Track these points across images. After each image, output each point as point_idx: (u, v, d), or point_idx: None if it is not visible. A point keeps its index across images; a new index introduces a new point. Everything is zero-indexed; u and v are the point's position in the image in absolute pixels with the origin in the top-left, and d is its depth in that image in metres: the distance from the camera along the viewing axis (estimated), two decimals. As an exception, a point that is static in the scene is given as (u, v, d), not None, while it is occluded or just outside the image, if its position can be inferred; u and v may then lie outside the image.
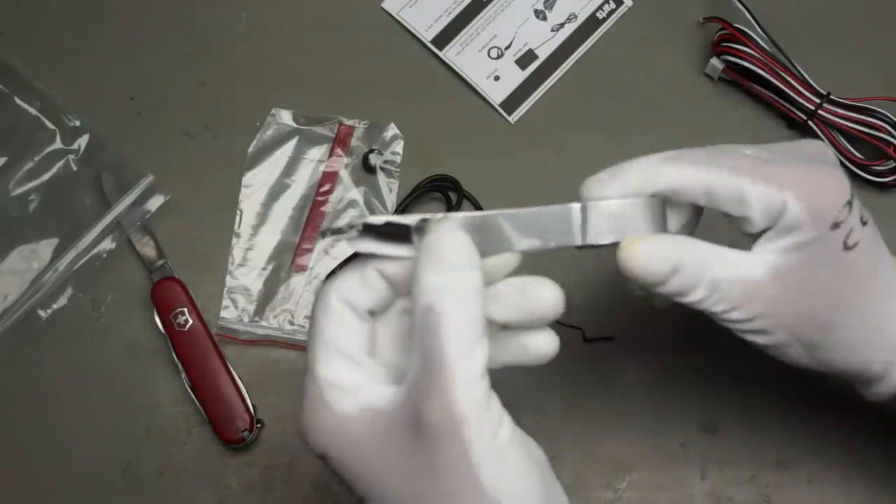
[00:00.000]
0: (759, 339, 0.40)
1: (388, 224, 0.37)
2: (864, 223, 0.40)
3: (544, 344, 0.38)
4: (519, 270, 0.38)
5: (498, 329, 0.38)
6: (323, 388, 0.35)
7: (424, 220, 0.36)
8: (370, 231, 0.37)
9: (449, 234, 0.35)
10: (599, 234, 0.39)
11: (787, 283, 0.39)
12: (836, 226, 0.39)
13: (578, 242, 0.39)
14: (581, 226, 0.39)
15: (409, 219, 0.37)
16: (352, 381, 0.35)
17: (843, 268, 0.39)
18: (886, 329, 0.41)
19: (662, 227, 0.40)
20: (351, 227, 0.37)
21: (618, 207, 0.39)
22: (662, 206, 0.40)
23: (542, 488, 0.35)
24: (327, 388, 0.35)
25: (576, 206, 0.39)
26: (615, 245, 0.39)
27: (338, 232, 0.37)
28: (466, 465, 0.33)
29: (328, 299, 0.37)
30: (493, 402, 0.34)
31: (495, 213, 0.38)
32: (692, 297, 0.39)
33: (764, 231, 0.39)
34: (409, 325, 0.35)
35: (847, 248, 0.39)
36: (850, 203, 0.39)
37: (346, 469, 0.35)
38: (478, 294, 0.35)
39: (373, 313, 0.38)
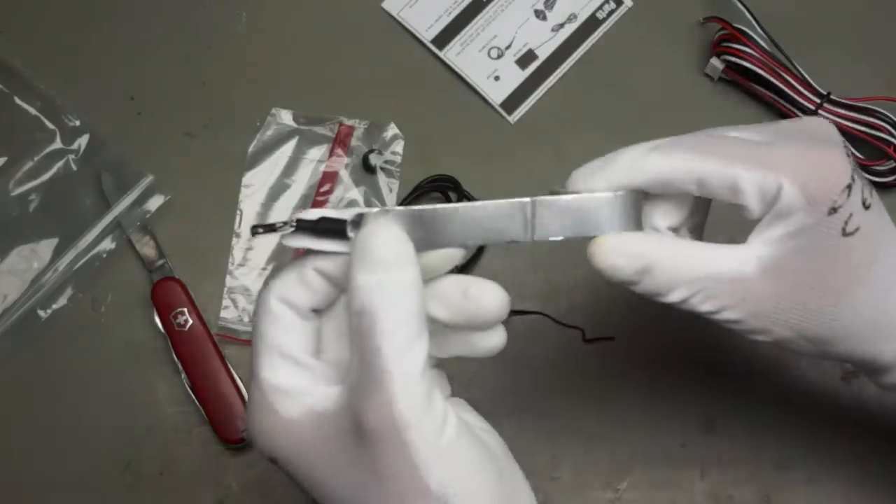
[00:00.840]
0: (761, 338, 0.39)
1: (322, 219, 0.35)
2: (866, 206, 0.38)
3: (492, 341, 0.37)
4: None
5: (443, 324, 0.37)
6: (268, 392, 0.35)
7: (360, 215, 0.35)
8: (305, 227, 0.35)
9: (382, 229, 0.34)
10: (548, 231, 0.37)
11: (780, 276, 0.37)
12: (833, 210, 0.37)
13: (524, 239, 0.37)
14: (529, 221, 0.37)
15: (345, 213, 0.36)
16: (296, 384, 0.35)
17: (841, 255, 0.37)
18: (894, 318, 0.39)
19: (633, 225, 0.38)
20: (284, 223, 0.35)
21: (575, 203, 0.38)
22: (637, 202, 0.38)
23: (496, 481, 0.34)
24: (272, 392, 0.35)
25: (525, 200, 0.37)
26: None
27: (270, 228, 0.36)
28: (411, 468, 0.32)
29: (267, 301, 0.36)
30: (436, 401, 0.33)
31: (437, 206, 0.36)
32: (672, 298, 0.38)
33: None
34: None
35: (846, 234, 0.37)
36: (849, 186, 0.37)
37: (294, 472, 0.35)
38: (413, 292, 0.33)
39: (317, 311, 0.37)
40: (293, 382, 0.35)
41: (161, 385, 0.58)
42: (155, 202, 0.62)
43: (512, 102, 0.64)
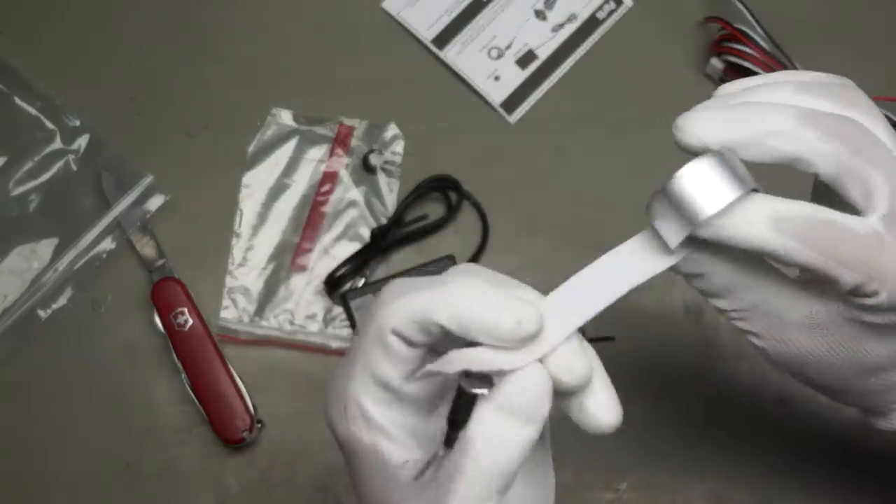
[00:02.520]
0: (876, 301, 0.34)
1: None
2: None
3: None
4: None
5: None
6: (348, 398, 0.34)
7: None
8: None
9: (536, 383, 0.31)
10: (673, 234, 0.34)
11: (821, 339, 0.36)
12: None
13: (669, 265, 0.35)
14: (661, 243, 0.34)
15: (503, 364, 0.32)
16: (379, 416, 0.34)
17: None
18: None
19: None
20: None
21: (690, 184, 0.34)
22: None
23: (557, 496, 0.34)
24: (351, 399, 0.34)
25: (644, 234, 0.34)
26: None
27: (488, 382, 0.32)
28: None
29: (383, 328, 0.33)
30: None
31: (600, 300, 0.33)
32: (715, 303, 0.37)
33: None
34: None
35: None
36: None
37: (353, 478, 0.35)
38: (523, 451, 0.31)
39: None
40: (380, 411, 0.34)
41: (161, 385, 0.58)
42: (155, 202, 0.62)
43: (512, 102, 0.64)
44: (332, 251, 0.61)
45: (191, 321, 0.58)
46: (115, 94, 0.64)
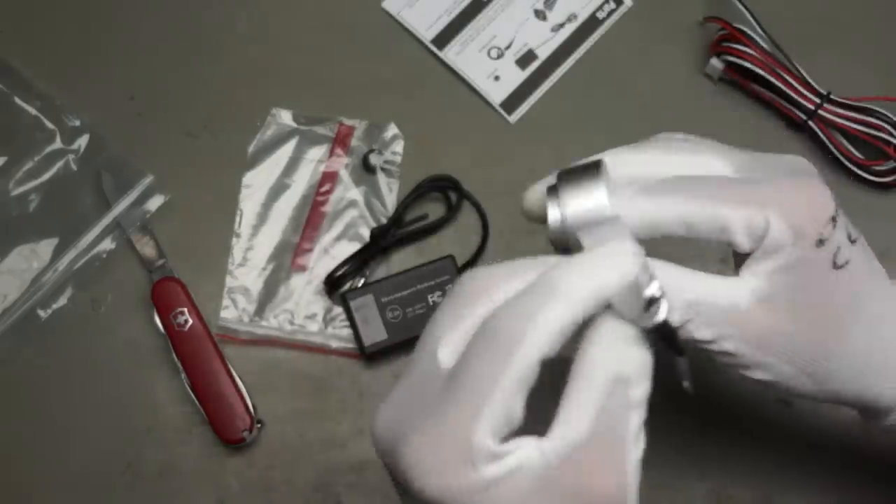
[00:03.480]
0: (760, 374, 0.38)
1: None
2: (852, 241, 0.38)
3: None
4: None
5: None
6: (473, 451, 0.31)
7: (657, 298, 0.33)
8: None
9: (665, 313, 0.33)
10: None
11: (773, 309, 0.36)
12: (820, 243, 0.36)
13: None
14: None
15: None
16: (506, 447, 0.32)
17: (834, 289, 0.37)
18: (890, 356, 0.38)
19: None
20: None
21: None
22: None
23: None
24: (478, 452, 0.31)
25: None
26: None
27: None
28: None
29: (531, 358, 0.32)
30: (637, 492, 0.33)
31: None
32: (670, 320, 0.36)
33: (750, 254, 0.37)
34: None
35: (836, 266, 0.37)
36: (834, 219, 0.37)
37: None
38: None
39: None
40: (504, 444, 0.32)
41: (161, 385, 0.58)
42: (155, 202, 0.62)
43: (512, 102, 0.64)
44: (332, 251, 0.61)
45: (191, 321, 0.58)
46: (115, 94, 0.64)
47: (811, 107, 0.60)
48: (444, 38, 0.66)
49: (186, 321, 0.58)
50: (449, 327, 0.34)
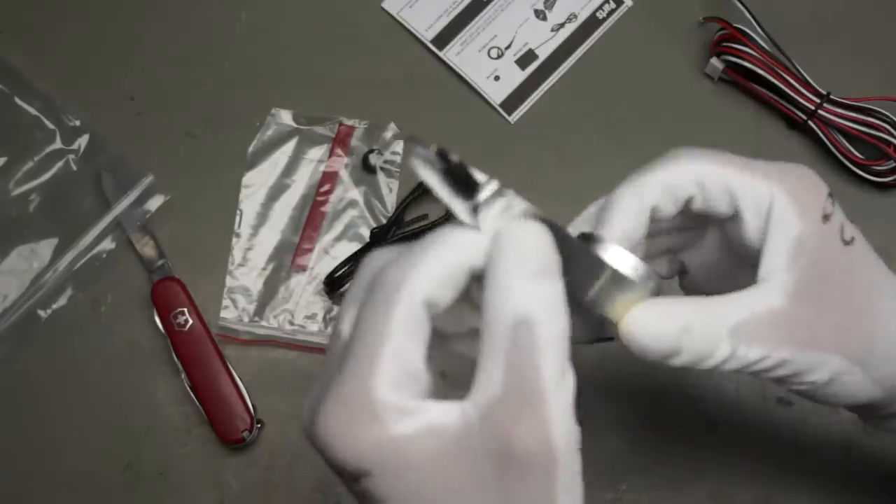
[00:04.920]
0: (819, 376, 0.36)
1: (458, 164, 0.32)
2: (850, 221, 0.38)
3: None
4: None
5: None
6: (377, 405, 0.30)
7: (491, 184, 0.32)
8: (441, 157, 0.32)
9: (541, 232, 0.31)
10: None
11: (808, 298, 0.36)
12: (826, 218, 0.36)
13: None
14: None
15: (479, 174, 0.32)
16: (412, 401, 0.30)
17: (852, 264, 0.37)
18: None
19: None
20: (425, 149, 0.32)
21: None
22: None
23: None
24: (382, 407, 0.30)
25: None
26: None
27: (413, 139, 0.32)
28: (547, 500, 0.30)
29: (414, 299, 0.30)
30: (577, 441, 0.31)
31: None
32: (719, 355, 0.35)
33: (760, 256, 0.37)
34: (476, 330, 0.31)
35: (846, 242, 0.37)
36: (831, 195, 0.37)
37: (396, 494, 0.30)
38: (566, 311, 0.31)
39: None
40: (410, 398, 0.30)
41: (161, 385, 0.58)
42: (155, 202, 0.62)
43: (512, 102, 0.64)
44: (331, 251, 0.61)
45: (191, 321, 0.58)
46: (115, 94, 0.64)
47: (811, 107, 0.60)
48: (444, 38, 0.66)
49: (186, 321, 0.58)
50: (351, 304, 0.33)
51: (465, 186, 0.32)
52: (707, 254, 0.41)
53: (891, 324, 0.37)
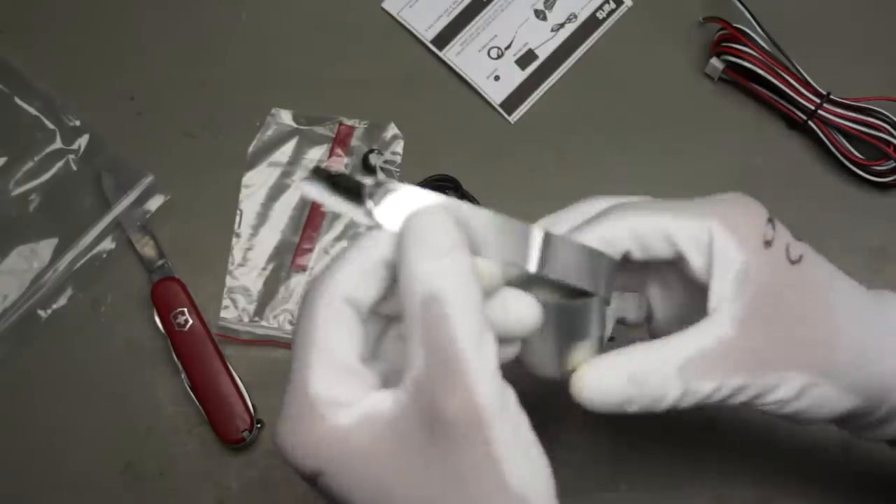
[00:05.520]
0: (784, 394, 0.37)
1: (340, 176, 0.34)
2: (799, 239, 0.39)
3: (508, 352, 0.36)
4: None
5: None
6: (316, 404, 0.32)
7: (379, 184, 0.34)
8: (321, 177, 0.34)
9: (438, 215, 0.32)
10: (558, 271, 0.35)
11: (759, 320, 0.37)
12: (767, 244, 0.37)
13: (532, 270, 0.35)
14: (541, 253, 0.35)
15: (365, 179, 0.34)
16: (350, 393, 0.32)
17: (801, 281, 0.37)
18: (887, 341, 0.39)
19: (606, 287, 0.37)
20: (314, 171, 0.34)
21: (586, 251, 0.36)
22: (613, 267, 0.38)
23: (557, 493, 0.33)
24: (321, 404, 0.32)
25: (534, 227, 0.35)
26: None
27: (327, 176, 0.34)
28: (492, 463, 0.31)
29: (332, 299, 0.33)
30: (511, 398, 0.32)
31: (463, 206, 0.34)
32: (670, 397, 0.36)
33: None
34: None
35: (793, 262, 0.37)
36: (771, 220, 0.38)
37: (348, 487, 0.32)
38: (475, 279, 0.32)
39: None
40: (347, 391, 0.32)
41: (161, 385, 0.58)
42: (155, 202, 0.62)
43: (512, 102, 0.64)
44: (332, 251, 0.61)
45: (191, 321, 0.58)
46: (115, 94, 0.64)
47: (811, 107, 0.60)
48: (444, 38, 0.66)
49: (186, 321, 0.58)
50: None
51: (355, 193, 0.34)
52: (669, 295, 0.41)
53: (854, 330, 0.38)
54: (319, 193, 0.34)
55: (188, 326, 0.58)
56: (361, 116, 0.64)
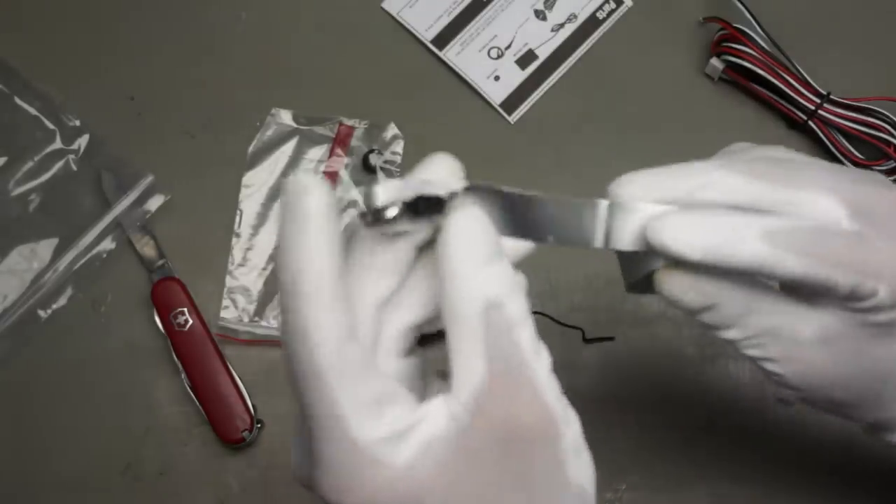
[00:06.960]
0: (789, 395, 0.37)
1: (420, 199, 0.33)
2: None
3: None
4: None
5: None
6: (364, 449, 0.29)
7: (454, 194, 0.33)
8: (411, 209, 0.33)
9: (476, 223, 0.32)
10: (622, 241, 0.35)
11: (837, 351, 0.35)
12: None
13: (598, 245, 0.35)
14: (606, 227, 0.35)
15: (439, 188, 0.33)
16: (395, 423, 0.29)
17: None
18: None
19: None
20: (384, 208, 0.32)
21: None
22: None
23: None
24: (369, 447, 0.29)
25: (604, 202, 0.35)
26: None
27: (377, 217, 0.32)
28: (557, 463, 0.30)
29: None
30: (564, 397, 0.32)
31: (520, 192, 0.34)
32: (726, 335, 0.36)
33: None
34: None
35: None
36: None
37: None
38: (522, 283, 0.32)
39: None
40: (391, 421, 0.29)
41: (161, 385, 0.58)
42: (155, 202, 0.62)
43: (512, 102, 0.64)
44: (332, 251, 0.61)
45: (191, 321, 0.58)
46: (115, 94, 0.64)
47: (811, 107, 0.60)
48: (444, 38, 0.66)
49: (186, 321, 0.58)
50: None
51: (434, 207, 0.33)
52: None
53: None
54: (407, 227, 0.33)
55: (188, 326, 0.58)
56: (361, 116, 0.64)
